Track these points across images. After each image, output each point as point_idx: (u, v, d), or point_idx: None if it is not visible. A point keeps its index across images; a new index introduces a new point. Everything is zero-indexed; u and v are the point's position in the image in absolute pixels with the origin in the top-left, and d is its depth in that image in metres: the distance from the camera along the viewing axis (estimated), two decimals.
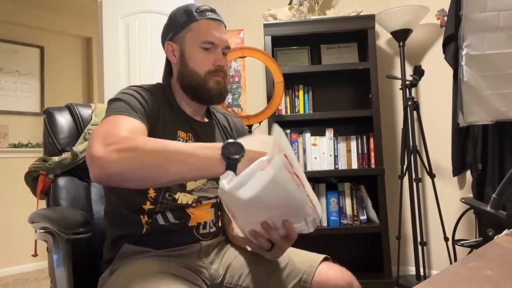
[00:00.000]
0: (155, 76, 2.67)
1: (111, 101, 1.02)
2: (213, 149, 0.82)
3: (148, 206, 1.04)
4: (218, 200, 1.17)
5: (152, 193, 1.04)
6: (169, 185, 1.03)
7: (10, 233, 3.52)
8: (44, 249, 1.13)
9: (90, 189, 1.31)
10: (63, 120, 1.30)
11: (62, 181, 1.26)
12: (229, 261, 1.09)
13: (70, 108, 1.33)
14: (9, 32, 3.86)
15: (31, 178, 1.26)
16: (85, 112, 1.34)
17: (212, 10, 1.11)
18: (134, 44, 2.67)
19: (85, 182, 1.31)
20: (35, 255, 1.26)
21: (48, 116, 1.30)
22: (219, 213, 1.18)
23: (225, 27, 1.14)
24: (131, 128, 0.91)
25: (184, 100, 1.14)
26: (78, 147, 1.27)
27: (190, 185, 1.08)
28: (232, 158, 0.81)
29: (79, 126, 1.31)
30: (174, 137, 1.06)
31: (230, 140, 0.83)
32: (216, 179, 1.14)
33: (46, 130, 1.28)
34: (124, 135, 0.85)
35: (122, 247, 1.05)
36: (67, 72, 4.27)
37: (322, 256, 1.04)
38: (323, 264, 1.01)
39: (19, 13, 3.91)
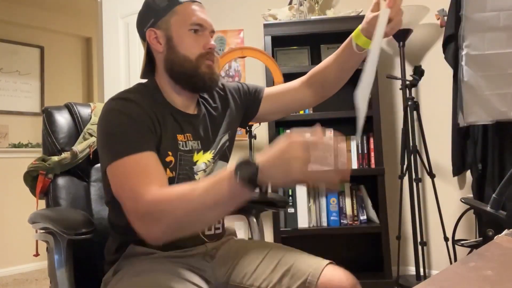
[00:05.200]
0: None
1: (106, 135, 0.95)
2: (226, 180, 0.77)
3: None
4: None
5: None
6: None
7: (10, 233, 3.52)
8: (44, 248, 1.13)
9: (89, 188, 1.31)
10: (63, 119, 1.30)
11: (61, 181, 1.27)
12: (235, 261, 1.09)
13: (69, 107, 1.33)
14: (9, 32, 3.86)
15: (31, 178, 1.26)
16: (84, 111, 1.34)
17: None
18: (134, 44, 2.67)
19: (84, 182, 1.31)
20: (37, 254, 1.26)
21: (47, 115, 1.29)
22: None
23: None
24: (145, 172, 0.89)
25: (173, 94, 1.07)
26: (78, 147, 1.27)
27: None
28: (245, 177, 0.75)
29: (78, 125, 1.31)
30: (175, 145, 1.02)
31: (235, 165, 0.77)
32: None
33: (46, 129, 1.28)
34: (149, 200, 0.84)
35: (127, 248, 1.04)
36: (67, 72, 4.27)
37: (327, 260, 1.04)
38: (328, 267, 1.01)
39: (19, 13, 3.91)
